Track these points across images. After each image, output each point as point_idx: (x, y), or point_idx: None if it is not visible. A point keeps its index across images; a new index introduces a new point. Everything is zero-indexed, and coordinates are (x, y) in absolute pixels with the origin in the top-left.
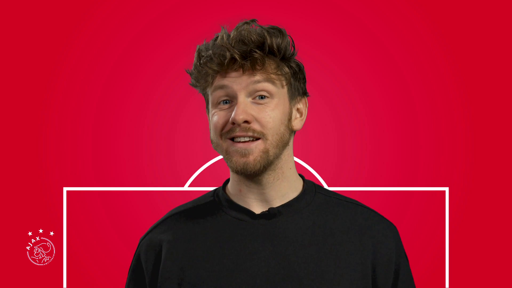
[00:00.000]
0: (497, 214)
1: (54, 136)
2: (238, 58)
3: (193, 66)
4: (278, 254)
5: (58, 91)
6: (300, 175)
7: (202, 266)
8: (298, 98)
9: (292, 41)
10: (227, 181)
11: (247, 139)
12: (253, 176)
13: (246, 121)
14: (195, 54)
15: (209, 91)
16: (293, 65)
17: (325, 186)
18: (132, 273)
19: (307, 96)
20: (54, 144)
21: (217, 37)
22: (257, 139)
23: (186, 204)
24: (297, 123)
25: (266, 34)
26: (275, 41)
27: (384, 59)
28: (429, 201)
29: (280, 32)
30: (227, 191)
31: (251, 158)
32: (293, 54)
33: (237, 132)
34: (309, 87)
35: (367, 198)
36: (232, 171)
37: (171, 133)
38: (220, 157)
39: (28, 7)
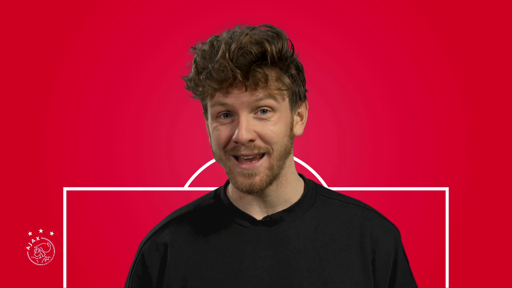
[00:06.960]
0: (497, 214)
1: (54, 136)
2: (240, 78)
3: (191, 79)
4: (280, 263)
5: (58, 91)
6: (300, 175)
7: (204, 275)
8: (299, 103)
9: (292, 44)
10: (228, 181)
11: (251, 156)
12: None
13: (250, 140)
14: (193, 65)
15: (208, 102)
16: (294, 72)
17: (325, 186)
18: (138, 279)
19: (307, 92)
20: (54, 144)
21: (212, 45)
22: (263, 154)
23: (188, 206)
24: (298, 128)
25: (266, 43)
26: (275, 49)
27: (384, 59)
28: (429, 201)
29: (279, 36)
30: (227, 194)
31: (257, 179)
32: (292, 55)
33: (242, 151)
34: (309, 87)
35: (367, 198)
36: (237, 190)
37: (171, 133)
38: None
39: (28, 7)
